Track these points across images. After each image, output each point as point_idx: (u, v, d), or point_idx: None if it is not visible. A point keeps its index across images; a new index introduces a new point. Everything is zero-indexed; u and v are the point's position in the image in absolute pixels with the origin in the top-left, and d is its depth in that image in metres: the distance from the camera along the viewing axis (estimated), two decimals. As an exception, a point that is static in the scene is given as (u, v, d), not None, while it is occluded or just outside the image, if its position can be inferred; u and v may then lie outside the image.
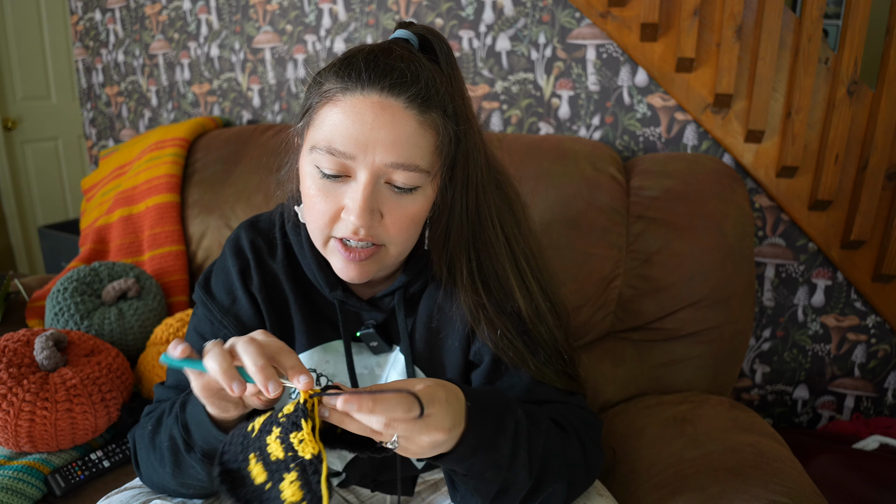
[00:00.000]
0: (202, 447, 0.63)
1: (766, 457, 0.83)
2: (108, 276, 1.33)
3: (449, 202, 0.68)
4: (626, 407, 1.10)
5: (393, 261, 0.69)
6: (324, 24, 1.66)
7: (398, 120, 0.61)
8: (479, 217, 0.70)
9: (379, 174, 0.62)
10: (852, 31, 1.17)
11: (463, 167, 0.68)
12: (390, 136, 0.61)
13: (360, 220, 0.62)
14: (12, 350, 1.00)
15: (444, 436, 0.53)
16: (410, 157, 0.62)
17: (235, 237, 0.79)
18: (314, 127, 0.65)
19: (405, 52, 0.65)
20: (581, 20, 1.40)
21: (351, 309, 0.77)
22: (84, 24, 2.10)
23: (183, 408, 0.65)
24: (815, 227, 1.30)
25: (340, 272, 0.68)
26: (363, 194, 0.62)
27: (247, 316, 0.75)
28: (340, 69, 0.63)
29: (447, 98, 0.65)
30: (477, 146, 0.69)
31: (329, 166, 0.63)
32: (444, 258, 0.71)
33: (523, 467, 0.61)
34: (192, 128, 1.62)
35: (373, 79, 0.61)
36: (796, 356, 1.45)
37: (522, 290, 0.72)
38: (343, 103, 0.62)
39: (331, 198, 0.64)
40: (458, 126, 0.66)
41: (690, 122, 1.37)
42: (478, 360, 0.76)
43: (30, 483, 0.94)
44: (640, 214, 1.15)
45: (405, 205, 0.65)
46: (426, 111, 0.62)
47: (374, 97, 0.61)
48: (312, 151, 0.64)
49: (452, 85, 0.66)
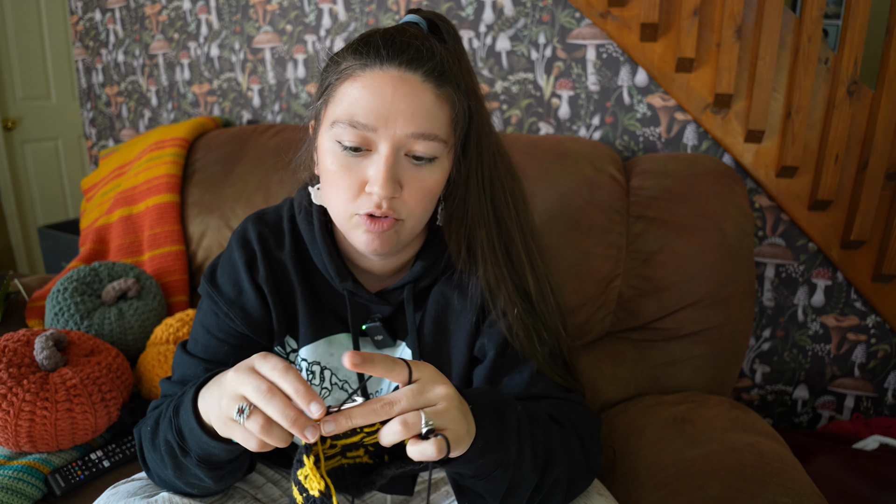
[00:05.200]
0: (197, 452, 0.62)
1: (766, 457, 0.83)
2: (108, 276, 1.33)
3: (465, 176, 0.70)
4: (626, 407, 1.10)
5: (408, 235, 0.70)
6: (324, 24, 1.66)
7: (417, 92, 0.64)
8: (493, 192, 0.72)
9: (400, 145, 0.64)
10: (852, 31, 1.17)
11: (476, 142, 0.70)
12: (410, 108, 0.63)
13: (384, 189, 0.64)
14: (12, 350, 1.00)
15: (449, 388, 0.53)
16: (430, 127, 0.64)
17: (242, 229, 0.79)
18: (334, 103, 0.67)
19: (418, 32, 0.68)
20: (581, 20, 1.40)
21: (359, 301, 0.77)
22: (84, 24, 2.10)
23: (176, 412, 0.64)
24: (815, 227, 1.30)
25: (364, 245, 0.68)
26: (386, 164, 0.64)
27: (253, 308, 0.75)
28: (358, 48, 0.66)
29: (459, 75, 0.67)
30: (487, 122, 0.72)
31: (351, 139, 0.64)
32: (463, 233, 0.72)
33: (529, 463, 0.61)
34: (192, 128, 1.62)
35: (391, 55, 0.64)
36: (796, 356, 1.45)
37: (531, 267, 0.74)
38: (363, 78, 0.65)
39: (353, 172, 0.66)
40: (469, 101, 0.68)
41: (690, 122, 1.37)
42: (481, 355, 0.76)
43: (30, 483, 0.94)
44: (640, 214, 1.15)
45: (423, 176, 0.67)
46: (442, 85, 0.65)
47: (394, 71, 0.64)
48: (334, 126, 0.66)
49: (461, 64, 0.69)
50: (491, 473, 0.59)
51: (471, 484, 0.62)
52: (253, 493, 0.81)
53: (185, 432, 0.62)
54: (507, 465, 0.59)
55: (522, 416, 0.62)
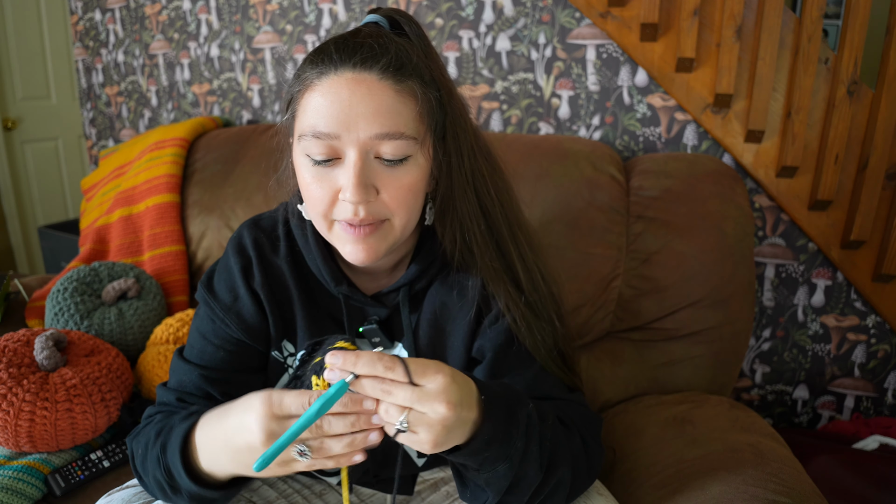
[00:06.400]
0: (188, 491, 0.63)
1: (766, 457, 0.83)
2: (108, 276, 1.33)
3: (447, 171, 0.69)
4: (626, 407, 1.10)
5: (399, 236, 0.69)
6: (324, 24, 1.66)
7: (374, 92, 0.62)
8: (475, 183, 0.71)
9: (366, 148, 0.63)
10: (852, 31, 1.17)
11: (453, 135, 0.69)
12: (369, 109, 0.62)
13: (356, 195, 0.62)
14: (12, 350, 1.00)
15: (449, 411, 0.52)
16: (393, 125, 0.63)
17: (238, 235, 0.79)
18: (298, 117, 0.66)
19: (373, 30, 0.67)
20: (581, 20, 1.40)
21: (355, 304, 0.77)
22: (84, 24, 2.10)
23: (164, 450, 0.65)
24: (815, 227, 1.30)
25: (350, 256, 0.67)
26: (354, 170, 0.62)
27: (249, 314, 0.75)
28: (314, 57, 0.66)
29: (422, 66, 0.66)
30: (462, 113, 0.70)
31: (318, 151, 0.64)
32: (456, 229, 0.71)
33: (535, 461, 0.61)
34: (192, 128, 1.62)
35: (343, 58, 0.63)
36: (796, 356, 1.45)
37: (518, 256, 0.73)
38: (320, 86, 0.64)
39: (325, 182, 0.65)
40: (438, 92, 0.66)
41: (690, 122, 1.37)
42: (480, 356, 0.76)
43: (30, 483, 0.94)
44: (640, 214, 1.15)
45: (399, 176, 0.65)
46: (401, 80, 0.63)
47: (348, 74, 0.63)
48: (301, 140, 0.65)
49: (427, 56, 0.68)
50: (495, 467, 0.59)
51: (474, 476, 0.62)
52: (248, 496, 0.81)
53: (174, 473, 0.63)
54: (512, 461, 0.59)
55: (532, 414, 0.62)
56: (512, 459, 0.59)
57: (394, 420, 0.53)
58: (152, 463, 0.66)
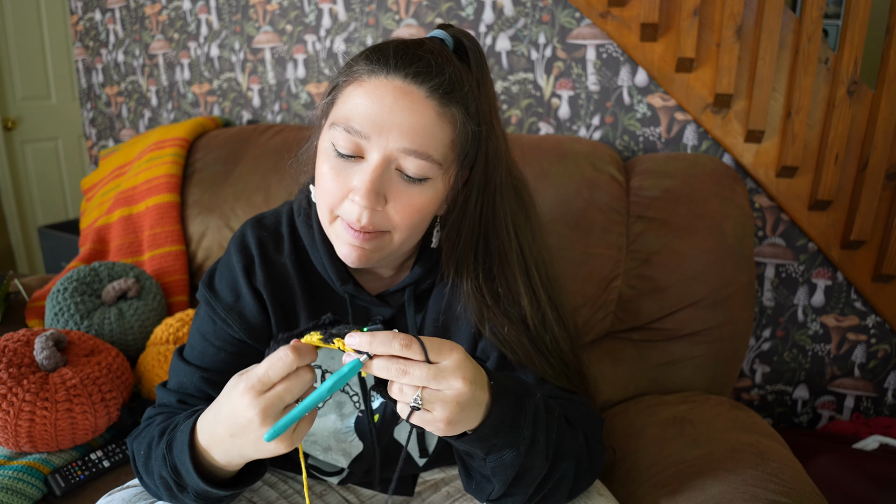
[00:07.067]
0: (195, 489, 0.62)
1: (766, 457, 0.83)
2: (108, 276, 1.33)
3: (463, 203, 0.69)
4: (626, 407, 1.10)
5: (396, 250, 0.69)
6: (324, 24, 1.66)
7: (417, 107, 0.62)
8: (494, 222, 0.71)
9: (390, 158, 0.63)
10: (852, 31, 1.17)
11: (482, 170, 0.68)
12: (407, 122, 0.62)
13: (365, 200, 0.62)
14: (12, 350, 1.00)
15: (465, 386, 0.53)
16: (424, 145, 0.63)
17: (241, 234, 0.79)
18: (337, 105, 0.66)
19: (436, 47, 0.66)
20: (581, 20, 1.40)
21: (360, 304, 0.77)
22: (84, 24, 2.10)
23: (170, 448, 0.64)
24: (815, 227, 1.30)
25: (343, 254, 0.68)
26: (371, 175, 0.62)
27: (251, 313, 0.75)
28: (371, 53, 0.65)
29: (470, 97, 0.65)
30: (498, 152, 0.70)
31: (344, 144, 0.64)
32: (454, 258, 0.72)
33: (541, 451, 0.61)
34: (192, 128, 1.62)
35: (399, 65, 0.63)
36: (796, 356, 1.45)
37: (530, 297, 0.73)
38: (367, 84, 0.64)
39: (341, 177, 0.65)
40: (478, 127, 0.66)
41: (690, 122, 1.37)
42: (484, 356, 0.76)
43: (30, 483, 0.94)
44: (640, 214, 1.15)
45: (412, 194, 0.65)
46: (447, 104, 0.63)
47: (398, 82, 0.63)
48: (332, 128, 0.65)
49: (479, 88, 0.67)
50: (501, 455, 0.59)
51: (480, 466, 0.62)
52: (249, 496, 0.81)
53: (181, 471, 0.63)
54: (519, 449, 0.59)
55: (540, 405, 0.63)
56: (519, 447, 0.59)
57: (408, 399, 0.53)
58: (157, 462, 0.65)
